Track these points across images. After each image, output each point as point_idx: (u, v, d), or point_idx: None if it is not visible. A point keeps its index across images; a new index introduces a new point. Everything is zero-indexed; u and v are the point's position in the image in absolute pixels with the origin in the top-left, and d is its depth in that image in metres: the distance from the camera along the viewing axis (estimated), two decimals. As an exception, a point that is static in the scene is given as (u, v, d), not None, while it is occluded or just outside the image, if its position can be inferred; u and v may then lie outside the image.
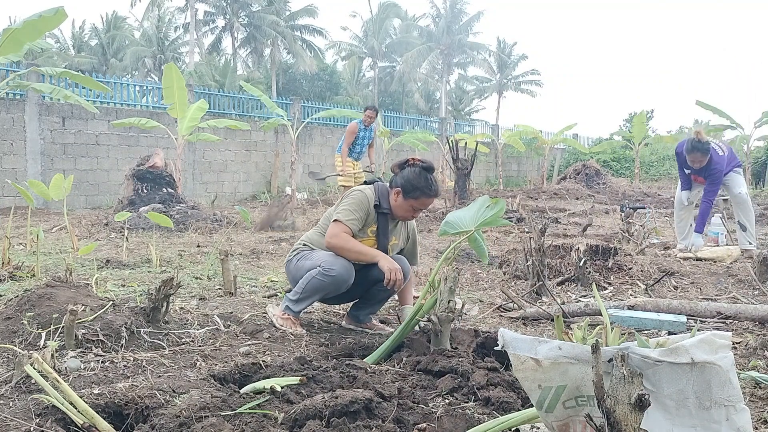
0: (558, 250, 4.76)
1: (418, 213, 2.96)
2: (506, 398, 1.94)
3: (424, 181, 2.86)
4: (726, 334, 1.28)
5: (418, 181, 2.85)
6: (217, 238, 6.44)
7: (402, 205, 2.89)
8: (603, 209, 10.28)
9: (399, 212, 2.93)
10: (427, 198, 2.88)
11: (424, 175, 2.88)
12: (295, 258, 2.98)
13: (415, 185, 2.84)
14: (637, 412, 1.14)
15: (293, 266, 2.97)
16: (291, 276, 3.01)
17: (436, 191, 2.91)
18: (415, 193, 2.85)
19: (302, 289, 2.84)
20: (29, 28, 5.11)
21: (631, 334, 2.84)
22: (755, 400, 2.07)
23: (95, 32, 36.54)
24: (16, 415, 1.75)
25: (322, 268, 2.77)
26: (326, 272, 2.76)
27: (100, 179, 11.43)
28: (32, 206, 4.72)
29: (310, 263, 2.85)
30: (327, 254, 2.84)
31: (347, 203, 2.90)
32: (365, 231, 2.92)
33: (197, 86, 15.64)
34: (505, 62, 41.39)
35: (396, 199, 2.90)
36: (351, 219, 2.84)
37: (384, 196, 2.94)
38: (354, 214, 2.86)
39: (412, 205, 2.88)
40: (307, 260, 2.89)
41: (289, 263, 3.03)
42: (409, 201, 2.87)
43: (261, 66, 37.12)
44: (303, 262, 2.90)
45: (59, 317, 2.43)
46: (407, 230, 3.14)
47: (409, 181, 2.86)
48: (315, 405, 1.77)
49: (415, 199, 2.86)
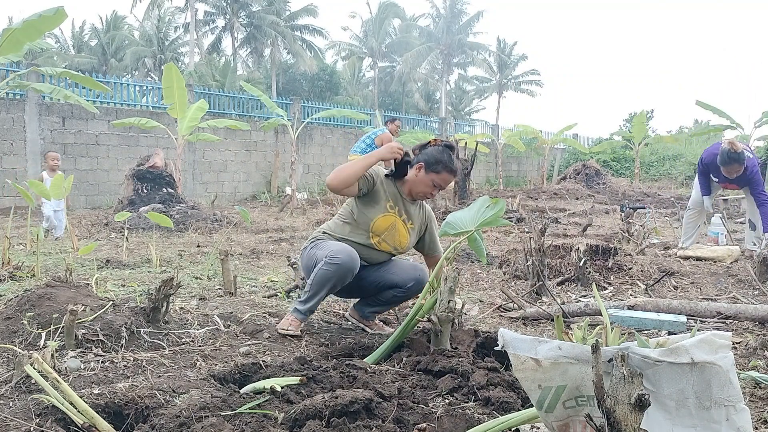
0: (558, 250, 4.76)
1: (436, 191, 2.93)
2: (506, 398, 1.94)
3: (447, 157, 2.87)
4: (726, 334, 1.28)
5: (441, 155, 2.86)
6: (217, 238, 6.44)
7: (423, 180, 2.87)
8: (603, 209, 10.29)
9: (419, 188, 2.90)
10: (449, 173, 2.88)
11: (447, 151, 2.90)
12: (310, 246, 2.95)
13: (438, 159, 2.85)
14: (637, 412, 1.14)
15: (306, 254, 2.94)
16: (304, 264, 2.98)
17: (457, 168, 2.92)
18: (437, 167, 2.84)
19: (310, 285, 2.79)
20: (29, 28, 5.12)
21: (631, 334, 2.84)
22: (755, 400, 2.07)
23: (95, 32, 36.53)
24: (16, 415, 1.75)
25: (327, 257, 2.72)
26: (331, 261, 2.70)
27: (100, 179, 11.44)
28: (32, 206, 4.72)
29: (321, 253, 2.80)
30: (335, 243, 2.80)
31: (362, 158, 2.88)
32: (384, 205, 2.89)
33: (197, 86, 15.64)
34: (505, 62, 41.38)
35: (417, 174, 2.88)
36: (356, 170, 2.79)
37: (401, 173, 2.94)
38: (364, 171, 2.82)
39: (433, 179, 2.86)
40: (319, 249, 2.85)
41: (304, 251, 3.00)
42: (431, 175, 2.86)
43: (261, 66, 37.13)
44: (315, 251, 2.86)
45: (59, 317, 2.43)
46: (426, 217, 3.07)
47: (432, 156, 2.86)
48: (315, 405, 1.77)
49: (437, 173, 2.85)
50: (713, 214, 5.93)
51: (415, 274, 2.91)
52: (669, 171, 19.60)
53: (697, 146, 20.98)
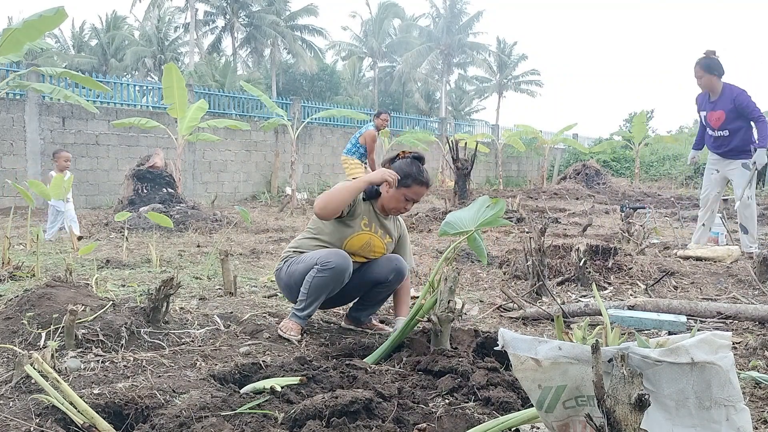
0: (558, 250, 4.76)
1: (410, 205, 2.91)
2: (506, 398, 1.94)
3: (416, 169, 2.84)
4: (726, 334, 1.28)
5: (410, 168, 2.83)
6: (217, 238, 6.44)
7: (394, 195, 2.85)
8: (603, 209, 10.29)
9: (391, 204, 2.88)
10: (419, 186, 2.85)
11: (416, 163, 2.87)
12: (285, 266, 2.91)
13: (407, 172, 2.82)
14: (637, 412, 1.14)
15: (285, 274, 2.90)
16: (284, 284, 2.94)
17: (427, 180, 2.88)
18: (406, 181, 2.82)
19: (305, 294, 2.76)
20: (29, 28, 5.12)
21: (631, 334, 2.84)
22: (755, 400, 2.07)
23: (95, 32, 36.54)
24: (16, 415, 1.75)
25: (319, 264, 2.70)
26: (324, 267, 2.69)
27: (100, 179, 11.44)
28: (32, 206, 4.72)
29: (303, 266, 2.78)
30: (319, 251, 2.78)
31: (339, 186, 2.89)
32: (358, 224, 2.86)
33: (197, 86, 15.65)
34: (505, 62, 41.39)
35: (388, 190, 2.85)
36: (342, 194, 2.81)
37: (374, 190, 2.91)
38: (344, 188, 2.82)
39: (405, 194, 2.84)
40: (298, 264, 2.82)
41: (279, 272, 2.95)
42: (401, 190, 2.83)
43: (261, 66, 37.14)
44: (295, 267, 2.83)
45: (59, 317, 2.43)
46: (399, 230, 3.07)
47: (400, 170, 2.83)
48: (315, 405, 1.77)
49: (408, 188, 2.83)
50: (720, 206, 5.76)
51: (391, 265, 2.90)
52: (669, 171, 19.61)
53: (697, 146, 20.94)
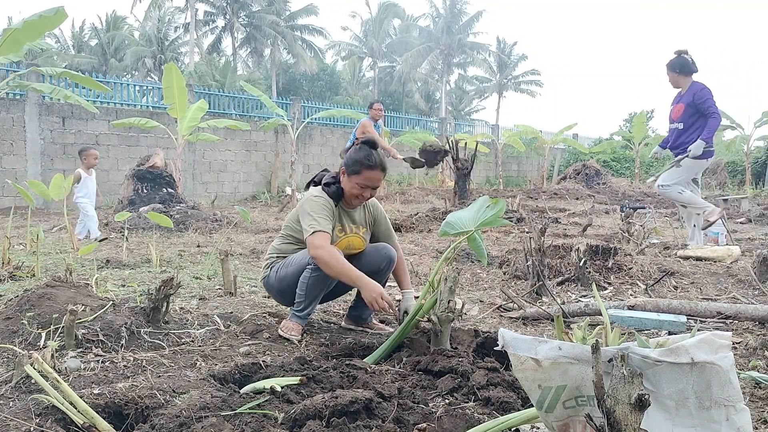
0: (558, 250, 4.76)
1: (368, 192, 2.79)
2: (506, 398, 1.94)
3: (365, 154, 2.74)
4: (726, 334, 1.28)
5: (358, 155, 2.75)
6: (217, 238, 6.44)
7: (348, 185, 2.78)
8: (603, 209, 10.28)
9: (350, 193, 2.80)
10: (369, 170, 2.73)
11: (364, 148, 2.77)
12: (273, 272, 2.89)
13: (354, 159, 2.75)
14: (637, 412, 1.14)
15: (275, 280, 2.87)
16: (276, 291, 2.93)
17: (377, 163, 2.75)
18: (356, 167, 2.74)
19: (303, 296, 2.77)
20: (29, 28, 5.12)
21: (631, 334, 2.84)
22: (755, 400, 2.07)
23: (95, 32, 36.54)
24: (16, 415, 1.75)
25: (312, 264, 2.69)
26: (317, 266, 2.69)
27: (100, 179, 11.34)
28: (32, 206, 4.72)
29: (294, 268, 2.76)
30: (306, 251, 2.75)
31: (311, 211, 2.74)
32: (335, 234, 2.82)
33: (197, 86, 15.65)
34: (505, 62, 41.40)
35: (343, 180, 2.80)
36: (325, 224, 2.71)
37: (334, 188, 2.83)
38: (326, 218, 2.73)
39: (357, 182, 2.75)
40: (288, 267, 2.80)
41: (267, 280, 2.93)
42: (353, 178, 2.75)
43: (261, 66, 37.15)
44: (285, 271, 2.82)
45: (59, 317, 2.43)
46: (371, 214, 2.99)
47: (349, 158, 2.77)
48: (315, 405, 1.77)
49: (358, 174, 2.74)
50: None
51: (380, 254, 2.89)
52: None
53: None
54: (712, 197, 12.25)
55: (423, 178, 17.76)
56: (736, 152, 18.13)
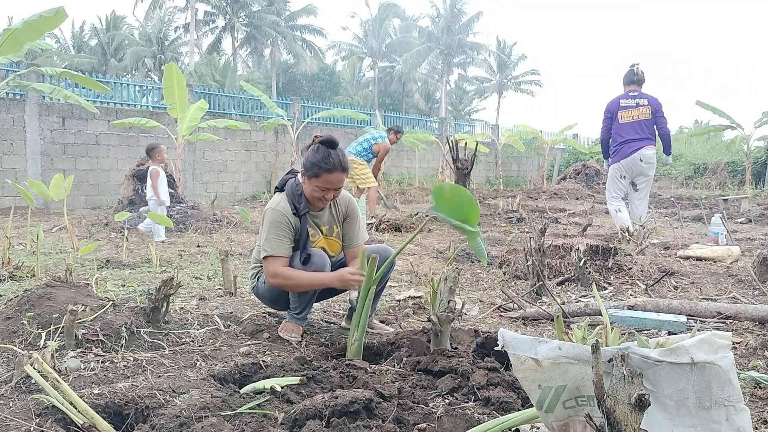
0: (558, 250, 4.76)
1: (329, 194, 2.66)
2: (506, 398, 1.94)
3: (322, 155, 2.59)
4: (726, 334, 1.28)
5: (315, 156, 2.61)
6: (217, 238, 6.44)
7: (308, 187, 2.66)
8: (603, 209, 10.28)
9: (312, 196, 2.67)
10: (328, 173, 2.59)
11: (322, 149, 2.62)
12: (260, 282, 2.87)
13: (312, 161, 2.61)
14: (637, 412, 1.14)
15: (265, 289, 2.84)
16: (267, 300, 2.92)
17: (336, 164, 2.59)
18: (314, 170, 2.60)
19: (297, 301, 2.78)
20: (29, 29, 5.12)
21: (631, 334, 2.84)
22: (755, 400, 2.07)
23: (95, 32, 36.55)
24: (16, 415, 1.75)
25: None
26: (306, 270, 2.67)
27: (100, 179, 11.43)
28: (32, 206, 4.72)
29: None
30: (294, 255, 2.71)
31: (265, 230, 2.66)
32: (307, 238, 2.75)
33: (197, 86, 15.65)
34: (504, 62, 41.42)
35: (304, 182, 2.68)
36: (278, 247, 2.63)
37: (298, 194, 2.71)
38: (280, 239, 2.64)
39: (316, 185, 2.62)
40: None
41: (257, 290, 2.91)
42: (312, 181, 2.62)
43: (261, 66, 37.16)
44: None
45: (59, 317, 2.43)
46: (341, 209, 2.86)
47: (307, 160, 2.64)
48: (315, 405, 1.77)
49: (317, 177, 2.60)
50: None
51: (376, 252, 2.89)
52: (669, 171, 19.60)
53: (697, 146, 20.98)
54: (712, 197, 12.26)
55: (423, 178, 17.77)
56: (736, 152, 18.13)
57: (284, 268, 2.63)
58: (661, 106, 6.09)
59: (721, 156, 18.71)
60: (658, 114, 6.06)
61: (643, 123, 6.03)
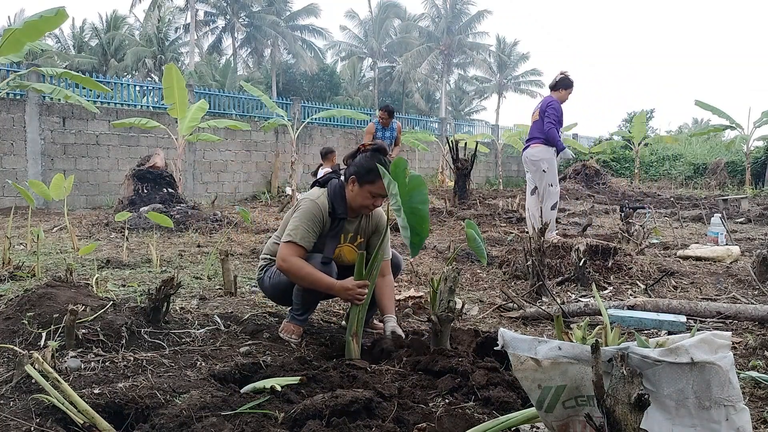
0: (558, 250, 4.75)
1: (378, 201, 2.70)
2: (506, 398, 1.94)
3: (378, 161, 2.62)
4: (726, 334, 1.28)
5: (371, 163, 2.62)
6: (218, 238, 6.44)
7: (359, 194, 2.67)
8: (603, 209, 10.28)
9: (358, 202, 2.69)
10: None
11: (377, 156, 2.66)
12: (266, 276, 2.88)
13: (368, 168, 2.62)
14: (637, 412, 1.14)
15: (269, 284, 2.86)
16: (271, 294, 2.93)
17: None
18: (369, 176, 2.62)
19: (299, 304, 2.78)
20: (30, 29, 5.12)
21: (631, 334, 2.84)
22: (755, 400, 2.07)
23: (95, 32, 36.53)
24: (16, 415, 1.75)
25: None
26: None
27: (100, 179, 11.43)
28: (32, 206, 4.72)
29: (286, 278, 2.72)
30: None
31: (298, 217, 2.66)
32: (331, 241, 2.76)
33: (197, 86, 15.65)
34: (505, 62, 41.41)
35: (352, 189, 2.69)
36: (304, 237, 2.63)
37: (340, 197, 2.72)
38: (308, 231, 2.64)
39: (370, 191, 2.65)
40: (280, 276, 2.76)
41: (261, 282, 2.92)
42: (366, 187, 2.65)
43: (261, 66, 37.16)
44: (277, 279, 2.79)
45: (59, 317, 2.43)
46: (372, 225, 2.88)
47: (362, 166, 2.65)
48: (315, 405, 1.77)
49: (372, 183, 2.62)
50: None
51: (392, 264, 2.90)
52: (669, 171, 19.60)
53: (697, 146, 20.99)
54: (711, 197, 12.26)
55: (423, 178, 17.75)
56: (736, 152, 18.13)
57: (298, 258, 2.63)
58: (548, 106, 6.23)
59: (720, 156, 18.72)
60: (544, 114, 6.25)
61: (534, 124, 6.40)
